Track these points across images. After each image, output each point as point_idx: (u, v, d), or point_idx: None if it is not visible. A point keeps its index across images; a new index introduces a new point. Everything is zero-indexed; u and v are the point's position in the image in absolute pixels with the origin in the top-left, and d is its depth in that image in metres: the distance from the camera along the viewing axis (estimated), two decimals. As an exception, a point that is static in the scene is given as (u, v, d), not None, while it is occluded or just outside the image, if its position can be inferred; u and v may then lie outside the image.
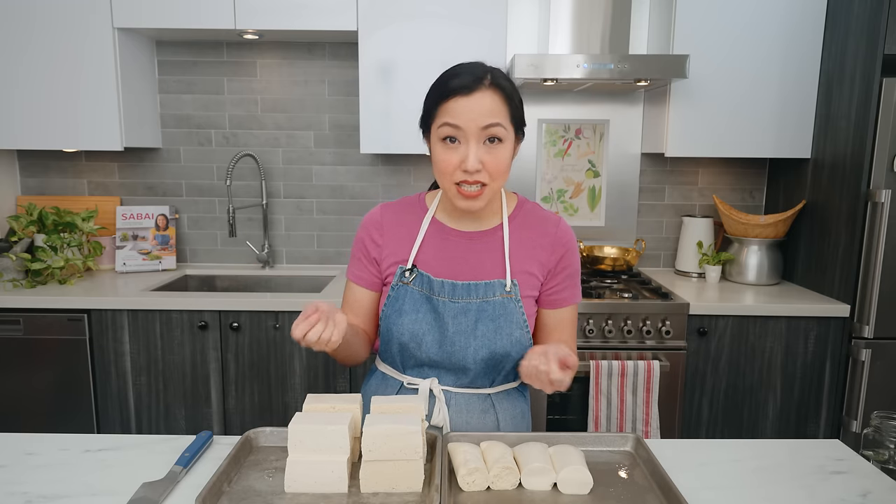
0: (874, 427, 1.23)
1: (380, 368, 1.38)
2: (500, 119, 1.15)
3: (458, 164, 1.15)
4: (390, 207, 1.34)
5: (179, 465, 1.09)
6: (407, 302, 1.26)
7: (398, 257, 1.29)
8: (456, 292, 1.25)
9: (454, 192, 1.18)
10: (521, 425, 1.34)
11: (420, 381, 1.29)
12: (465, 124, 1.14)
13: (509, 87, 1.18)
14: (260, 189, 2.79)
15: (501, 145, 1.17)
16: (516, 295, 1.25)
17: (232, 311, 2.25)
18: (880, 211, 2.11)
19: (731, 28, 2.37)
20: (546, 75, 2.24)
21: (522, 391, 1.38)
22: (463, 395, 1.29)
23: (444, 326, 1.24)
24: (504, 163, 1.17)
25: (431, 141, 1.21)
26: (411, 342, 1.26)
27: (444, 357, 1.26)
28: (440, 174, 1.19)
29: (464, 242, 1.29)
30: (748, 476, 1.11)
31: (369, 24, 2.36)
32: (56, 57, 2.38)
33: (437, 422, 1.26)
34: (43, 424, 2.28)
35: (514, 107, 1.19)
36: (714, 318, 2.25)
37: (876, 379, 2.19)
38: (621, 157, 2.78)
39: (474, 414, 1.28)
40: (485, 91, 1.14)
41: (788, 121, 2.43)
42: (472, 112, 1.13)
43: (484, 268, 1.27)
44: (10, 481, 1.06)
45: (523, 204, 1.34)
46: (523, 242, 1.29)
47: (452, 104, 1.14)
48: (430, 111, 1.19)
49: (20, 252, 2.41)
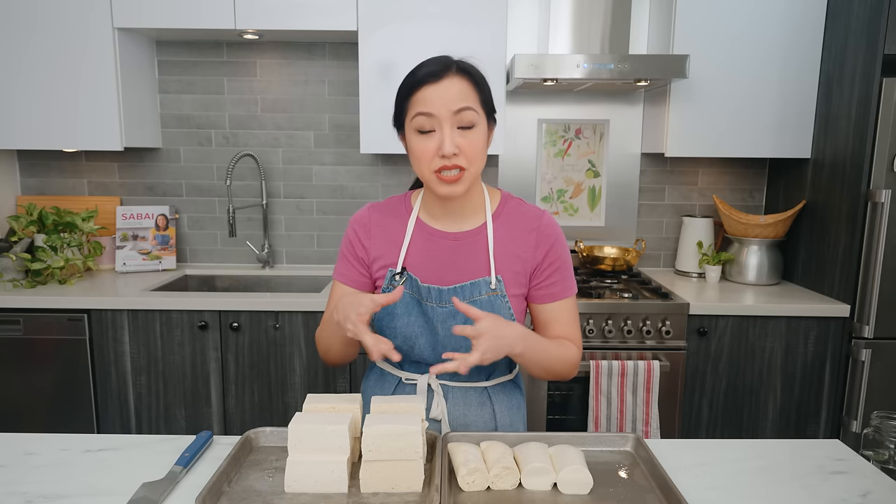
0: (874, 427, 1.23)
1: (378, 365, 1.39)
2: (470, 103, 1.17)
3: (434, 150, 1.17)
4: (377, 208, 1.35)
5: (179, 465, 1.09)
6: (399, 305, 1.27)
7: (386, 260, 1.30)
8: (443, 297, 1.25)
9: (434, 179, 1.19)
10: (517, 417, 1.36)
11: (418, 376, 1.31)
12: (437, 110, 1.15)
13: (477, 74, 1.20)
14: (260, 189, 2.79)
15: (475, 130, 1.18)
16: (502, 291, 1.26)
17: (232, 311, 2.25)
18: (880, 211, 2.11)
19: (731, 28, 2.37)
20: (546, 75, 2.24)
21: (518, 383, 1.40)
22: (460, 389, 1.31)
23: (434, 330, 1.27)
24: (479, 146, 1.19)
25: (407, 136, 1.22)
26: (404, 345, 1.28)
27: (438, 357, 1.27)
28: (418, 164, 1.20)
29: (449, 244, 1.29)
30: (748, 476, 1.11)
31: (369, 24, 2.36)
32: (56, 57, 2.38)
33: (435, 415, 1.28)
34: (43, 424, 2.29)
35: (484, 92, 1.21)
36: (714, 318, 2.25)
37: (876, 379, 2.19)
38: (621, 157, 2.78)
39: (472, 407, 1.31)
40: (453, 77, 1.17)
41: (788, 121, 2.43)
42: (443, 98, 1.15)
43: (469, 269, 1.28)
44: (10, 481, 1.06)
45: (507, 200, 1.34)
46: (508, 240, 1.29)
47: (422, 93, 1.16)
48: (402, 105, 1.21)
49: (20, 252, 2.41)
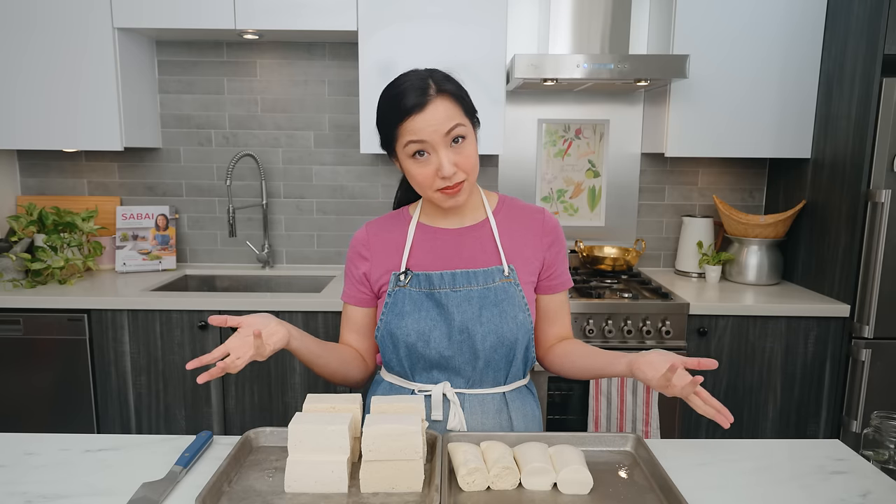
0: (874, 427, 1.23)
1: (386, 379, 1.36)
2: (458, 120, 1.19)
3: (433, 173, 1.19)
4: (374, 223, 1.37)
5: (179, 465, 1.09)
6: (407, 304, 1.26)
7: (388, 266, 1.31)
8: (456, 281, 1.26)
9: (438, 196, 1.22)
10: (533, 425, 1.34)
11: (432, 386, 1.28)
12: (430, 136, 1.17)
13: (454, 88, 1.21)
14: (260, 189, 2.79)
15: (466, 141, 1.20)
16: (515, 279, 1.28)
17: (232, 312, 2.25)
18: (880, 211, 2.11)
19: (731, 28, 2.37)
20: (546, 75, 2.24)
21: (532, 390, 1.38)
22: (476, 397, 1.29)
23: (449, 318, 1.25)
24: (473, 156, 1.22)
25: (400, 159, 1.23)
26: (419, 341, 1.25)
27: (455, 350, 1.25)
28: (420, 187, 1.23)
29: (453, 238, 1.31)
30: (748, 476, 1.11)
31: (369, 24, 2.35)
32: (56, 57, 2.38)
33: (453, 425, 1.25)
34: (43, 424, 2.29)
35: (466, 103, 1.22)
36: (714, 318, 2.25)
37: (876, 379, 2.19)
38: (621, 157, 2.78)
39: (489, 415, 1.28)
40: (435, 101, 1.17)
41: (788, 121, 2.43)
42: (432, 124, 1.16)
43: (478, 258, 1.29)
44: (10, 481, 1.06)
45: (505, 200, 1.38)
46: (512, 232, 1.32)
47: (410, 124, 1.17)
48: (390, 135, 1.22)
49: (20, 252, 2.41)
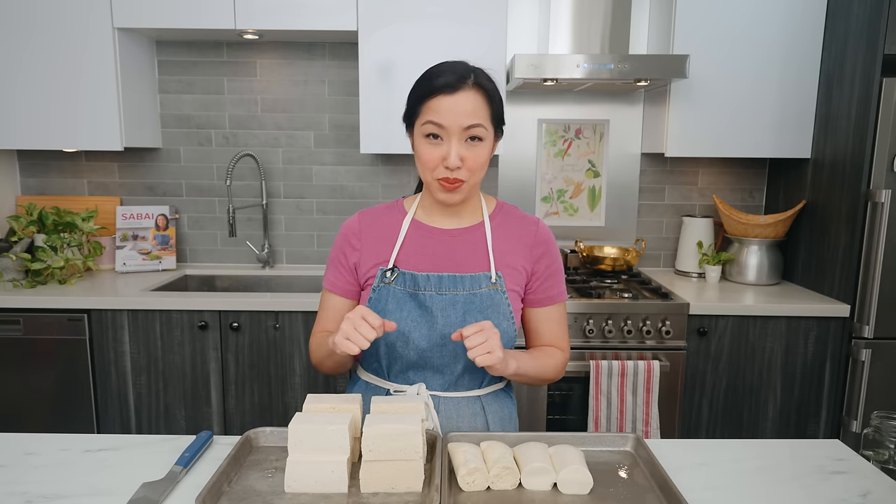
0: (874, 427, 1.23)
1: (362, 378, 1.35)
2: (481, 120, 1.18)
3: (440, 159, 1.19)
4: (368, 213, 1.35)
5: (179, 465, 1.09)
6: (391, 301, 1.25)
7: (378, 259, 1.29)
8: (442, 284, 1.25)
9: (435, 185, 1.22)
10: (509, 427, 1.34)
11: (407, 387, 1.27)
12: (448, 123, 1.16)
13: (491, 88, 1.21)
14: (260, 189, 2.79)
15: (481, 143, 1.20)
16: (502, 287, 1.26)
17: (232, 311, 2.25)
18: (880, 211, 2.11)
19: (731, 28, 2.37)
20: (546, 75, 2.24)
21: (509, 392, 1.38)
22: (452, 399, 1.28)
23: (432, 320, 1.24)
24: (483, 159, 1.21)
25: (414, 135, 1.24)
26: (398, 340, 1.25)
27: (434, 352, 1.24)
28: (423, 167, 1.23)
29: (446, 239, 1.30)
30: (748, 476, 1.11)
31: (369, 24, 2.35)
32: (56, 57, 2.38)
33: (426, 427, 1.24)
34: (43, 424, 2.29)
35: (495, 107, 1.22)
36: (714, 318, 2.25)
37: (876, 379, 2.19)
38: (621, 157, 2.78)
39: (464, 418, 1.28)
40: (468, 91, 1.17)
41: (788, 121, 2.43)
42: (455, 112, 1.16)
43: (468, 262, 1.28)
44: (10, 481, 1.06)
45: (502, 206, 1.37)
46: (505, 240, 1.30)
47: (436, 102, 1.17)
48: (414, 108, 1.22)
49: (20, 252, 2.41)
